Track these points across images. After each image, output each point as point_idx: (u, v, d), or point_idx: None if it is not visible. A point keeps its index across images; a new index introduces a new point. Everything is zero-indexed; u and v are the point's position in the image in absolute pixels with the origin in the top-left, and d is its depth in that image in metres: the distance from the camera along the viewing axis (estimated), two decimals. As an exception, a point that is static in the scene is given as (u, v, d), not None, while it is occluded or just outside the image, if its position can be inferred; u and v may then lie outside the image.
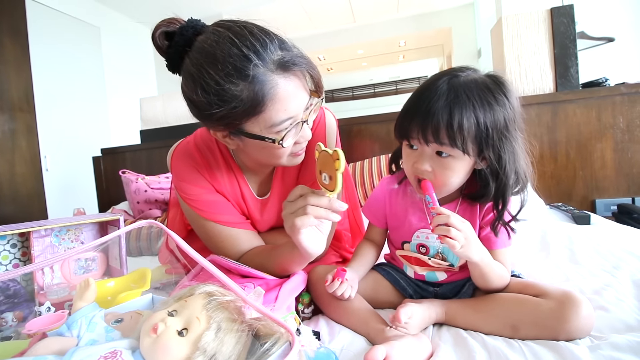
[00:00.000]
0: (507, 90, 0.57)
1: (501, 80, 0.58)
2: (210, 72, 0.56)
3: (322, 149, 0.54)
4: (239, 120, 0.60)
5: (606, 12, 2.54)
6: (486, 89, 0.56)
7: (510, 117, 0.57)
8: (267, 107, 0.58)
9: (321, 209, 0.54)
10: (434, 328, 0.62)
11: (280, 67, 0.58)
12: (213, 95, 0.57)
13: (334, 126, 0.85)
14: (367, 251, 0.75)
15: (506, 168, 0.57)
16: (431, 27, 4.37)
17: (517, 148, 0.59)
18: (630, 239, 0.99)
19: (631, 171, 1.55)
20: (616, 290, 0.68)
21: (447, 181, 0.59)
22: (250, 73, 0.55)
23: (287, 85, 0.59)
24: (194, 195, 0.76)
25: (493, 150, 0.56)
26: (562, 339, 0.52)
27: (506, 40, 1.76)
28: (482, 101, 0.55)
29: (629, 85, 1.55)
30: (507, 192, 0.60)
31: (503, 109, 0.56)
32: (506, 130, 0.57)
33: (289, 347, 0.38)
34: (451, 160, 0.57)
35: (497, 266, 0.61)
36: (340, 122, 0.90)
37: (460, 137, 0.54)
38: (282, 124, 0.61)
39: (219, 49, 0.56)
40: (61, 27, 3.09)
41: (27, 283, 0.85)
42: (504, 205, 0.60)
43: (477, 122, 0.54)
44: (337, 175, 0.50)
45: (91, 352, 0.37)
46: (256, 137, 0.62)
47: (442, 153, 0.57)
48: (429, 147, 0.57)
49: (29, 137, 2.50)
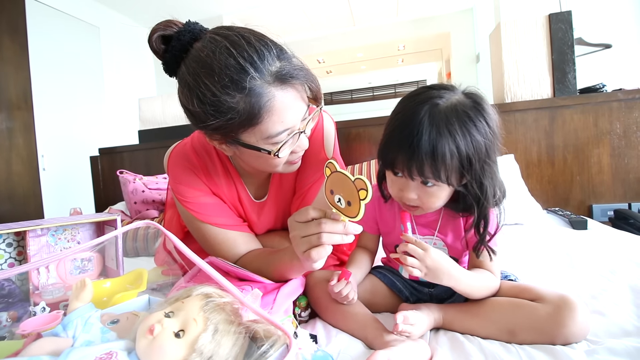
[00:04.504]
0: (486, 114, 0.58)
1: (479, 102, 0.59)
2: (207, 82, 0.55)
3: (336, 169, 0.50)
4: (234, 131, 0.60)
5: (604, 18, 2.56)
6: (466, 117, 0.56)
7: (490, 143, 0.58)
8: (263, 119, 0.58)
9: (336, 236, 0.51)
10: (431, 332, 0.62)
11: (277, 80, 0.57)
12: (209, 105, 0.56)
13: (332, 130, 0.85)
14: (361, 258, 0.75)
15: (487, 192, 0.59)
16: (430, 31, 4.40)
17: (496, 170, 0.61)
18: (627, 245, 0.99)
19: (628, 177, 1.57)
20: (613, 295, 0.68)
21: (432, 205, 0.62)
22: (246, 85, 0.55)
23: (284, 97, 0.58)
24: (190, 197, 0.76)
25: (475, 177, 0.58)
26: (559, 343, 0.52)
27: (505, 45, 1.77)
28: (463, 132, 0.55)
29: (626, 92, 1.56)
30: (488, 213, 0.61)
31: (484, 137, 0.57)
32: (487, 158, 0.58)
33: (286, 349, 0.38)
34: (436, 188, 0.59)
35: (481, 280, 0.61)
36: (339, 124, 0.90)
37: (444, 171, 0.55)
38: (278, 135, 0.60)
39: (216, 59, 0.55)
40: (61, 26, 3.09)
41: (22, 283, 0.84)
42: (485, 227, 0.61)
43: (459, 155, 0.55)
44: (360, 205, 0.47)
45: (86, 353, 0.37)
46: (252, 147, 0.61)
47: (427, 182, 0.58)
48: (414, 181, 0.59)
49: (26, 136, 2.49)
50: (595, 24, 2.48)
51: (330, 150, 0.83)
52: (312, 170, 0.80)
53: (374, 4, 3.92)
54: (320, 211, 0.53)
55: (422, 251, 0.57)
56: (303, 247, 0.53)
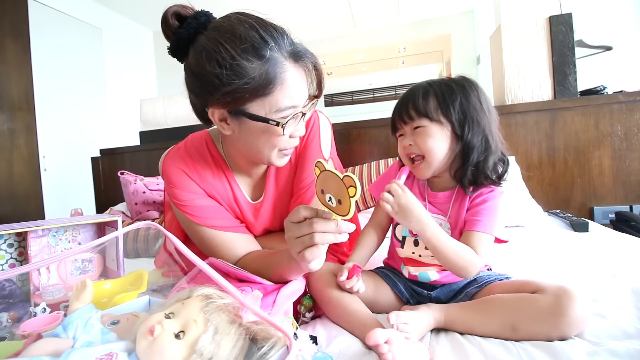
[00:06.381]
0: (469, 85, 0.69)
1: (467, 79, 0.71)
2: (227, 46, 0.59)
3: (324, 168, 0.50)
4: (244, 99, 0.61)
5: (604, 21, 2.57)
6: (448, 79, 0.70)
7: (469, 92, 0.68)
8: (275, 89, 0.61)
9: (329, 235, 0.51)
10: (431, 334, 0.61)
11: (292, 56, 0.63)
12: (226, 69, 0.59)
13: (329, 129, 0.86)
14: (369, 238, 0.77)
15: (473, 126, 0.66)
16: (431, 33, 4.40)
17: (490, 139, 0.67)
18: (629, 247, 0.99)
19: (629, 179, 1.56)
20: (614, 297, 0.68)
21: (429, 147, 0.67)
22: (266, 54, 0.59)
23: (296, 73, 0.63)
24: (185, 201, 0.76)
25: (455, 110, 0.67)
26: (561, 333, 0.53)
27: (505, 47, 1.78)
28: (441, 85, 0.69)
29: (627, 94, 1.56)
30: (475, 154, 0.67)
31: (460, 87, 0.68)
32: (464, 97, 0.67)
33: (286, 351, 0.38)
34: (425, 129, 0.67)
35: (452, 242, 0.62)
36: (340, 126, 0.91)
37: (423, 107, 0.67)
38: (285, 110, 0.63)
39: (239, 28, 0.60)
40: (63, 27, 3.10)
41: (23, 283, 0.84)
42: (476, 167, 0.67)
43: (435, 94, 0.68)
44: (350, 202, 0.47)
45: (87, 354, 0.37)
46: (260, 118, 0.63)
47: (417, 128, 0.68)
48: (408, 127, 0.70)
49: (27, 137, 2.50)
50: (596, 26, 2.49)
51: (327, 151, 0.83)
52: (310, 170, 0.80)
53: (374, 6, 3.93)
54: (312, 210, 0.53)
55: (401, 191, 0.61)
56: (297, 248, 0.53)
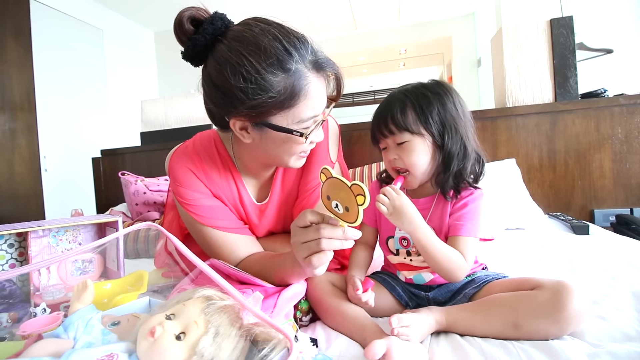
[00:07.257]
0: (444, 90, 0.69)
1: (441, 83, 0.70)
2: (252, 60, 0.58)
3: (331, 175, 0.50)
4: (268, 112, 0.61)
5: (605, 24, 2.57)
6: (422, 86, 0.70)
7: (444, 99, 0.68)
8: (299, 102, 0.61)
9: (336, 241, 0.51)
10: (431, 336, 0.61)
11: (314, 67, 0.63)
12: (251, 83, 0.58)
13: (337, 131, 0.86)
14: (361, 255, 0.77)
15: (452, 134, 0.67)
16: (432, 35, 4.41)
17: (461, 124, 0.68)
18: (629, 250, 0.99)
19: (629, 182, 1.56)
20: (615, 300, 0.68)
21: (413, 162, 0.68)
22: (291, 67, 0.59)
23: (318, 84, 0.63)
24: (191, 200, 0.76)
25: (434, 121, 0.67)
26: (561, 328, 0.54)
27: (506, 50, 1.78)
28: (417, 95, 0.68)
29: (628, 97, 1.56)
30: (455, 162, 0.67)
31: (436, 95, 0.68)
32: (441, 105, 0.67)
33: (287, 353, 0.38)
34: (409, 144, 0.68)
35: (442, 245, 0.63)
36: (341, 127, 0.91)
37: (402, 121, 0.67)
38: (307, 120, 0.63)
39: (263, 39, 0.59)
40: (64, 28, 3.11)
41: (23, 284, 0.84)
42: (457, 174, 0.68)
43: (413, 106, 0.67)
44: (358, 210, 0.47)
45: (87, 355, 0.37)
46: (284, 129, 0.63)
47: (401, 143, 0.68)
48: (390, 140, 0.70)
49: (28, 137, 2.50)
50: (597, 29, 2.49)
51: (334, 154, 0.83)
52: (316, 174, 0.80)
53: (375, 8, 3.94)
54: (318, 215, 0.53)
55: (396, 194, 0.62)
56: (303, 253, 0.53)
